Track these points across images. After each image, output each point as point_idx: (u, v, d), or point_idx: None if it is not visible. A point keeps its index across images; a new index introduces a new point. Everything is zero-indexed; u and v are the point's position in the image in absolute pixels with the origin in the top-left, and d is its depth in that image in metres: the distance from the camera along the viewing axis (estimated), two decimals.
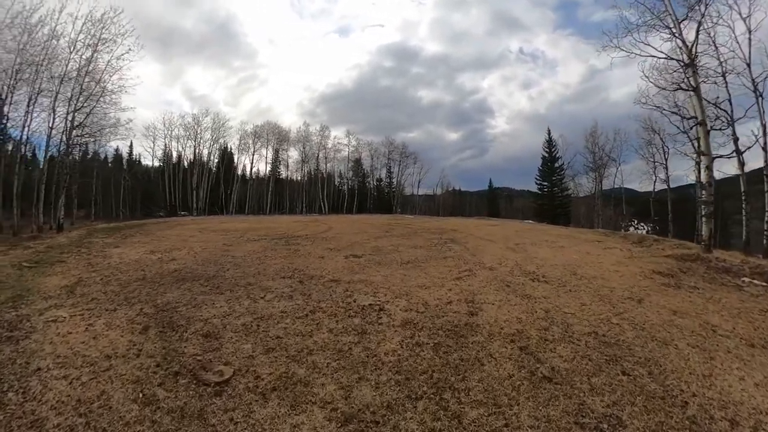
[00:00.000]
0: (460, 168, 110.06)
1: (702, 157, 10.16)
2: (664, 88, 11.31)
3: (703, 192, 10.00)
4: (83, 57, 16.12)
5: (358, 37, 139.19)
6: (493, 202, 61.25)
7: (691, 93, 9.89)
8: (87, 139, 19.39)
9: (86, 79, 16.14)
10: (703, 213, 10.00)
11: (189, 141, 43.75)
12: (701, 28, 10.09)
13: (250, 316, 4.49)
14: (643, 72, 10.91)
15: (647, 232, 32.17)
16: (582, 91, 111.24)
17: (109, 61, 16.53)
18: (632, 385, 3.17)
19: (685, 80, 9.97)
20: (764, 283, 7.50)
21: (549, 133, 41.94)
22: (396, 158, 52.34)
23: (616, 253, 9.79)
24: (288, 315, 4.52)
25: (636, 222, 37.90)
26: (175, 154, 44.69)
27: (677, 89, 10.49)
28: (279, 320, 4.35)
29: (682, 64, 10.08)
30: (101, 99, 16.68)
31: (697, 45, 10.06)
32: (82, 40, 16.07)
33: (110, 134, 19.14)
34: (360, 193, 52.17)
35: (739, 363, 3.70)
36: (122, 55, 16.74)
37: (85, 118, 16.66)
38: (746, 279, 7.81)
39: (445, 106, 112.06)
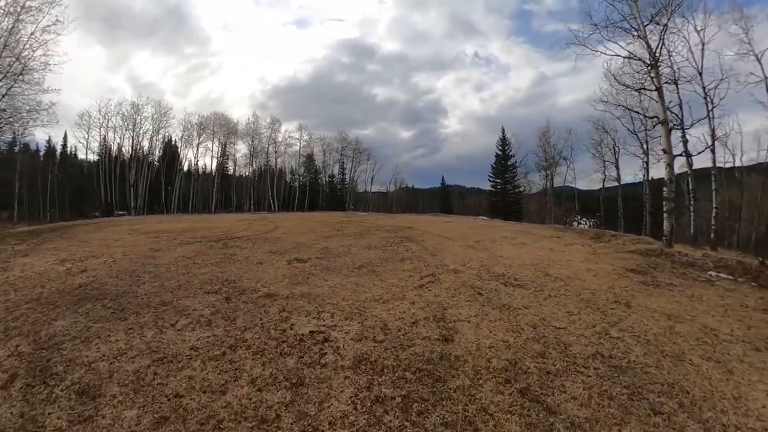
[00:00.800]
0: (413, 166, 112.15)
1: (664, 155, 10.04)
2: (629, 86, 11.25)
3: (665, 189, 9.86)
4: (1, 26, 13.20)
5: (316, 30, 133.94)
6: (445, 200, 61.76)
7: (655, 93, 9.75)
8: (2, 125, 16.05)
9: (4, 53, 13.19)
10: (665, 209, 9.85)
11: (127, 132, 39.12)
12: (665, 33, 10.02)
13: (149, 356, 3.21)
14: (608, 70, 10.84)
15: (590, 227, 33.80)
16: (531, 96, 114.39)
17: (32, 33, 13.70)
18: (671, 430, 2.35)
19: (649, 80, 9.85)
20: (730, 276, 7.37)
21: (503, 132, 42.27)
22: (349, 154, 50.92)
23: (580, 249, 9.33)
24: (199, 354, 3.23)
25: (579, 218, 39.74)
26: (114, 147, 39.76)
27: (641, 89, 10.40)
28: (186, 363, 3.07)
29: (647, 64, 9.93)
30: (21, 78, 13.76)
31: (660, 48, 9.99)
32: (3, 7, 13.14)
33: (29, 120, 15.94)
34: (312, 190, 50.08)
35: (757, 375, 3.28)
36: (48, 26, 13.98)
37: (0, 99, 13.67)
38: (713, 273, 7.65)
39: (399, 105, 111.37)
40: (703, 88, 13.86)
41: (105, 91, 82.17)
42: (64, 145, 41.08)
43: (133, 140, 39.28)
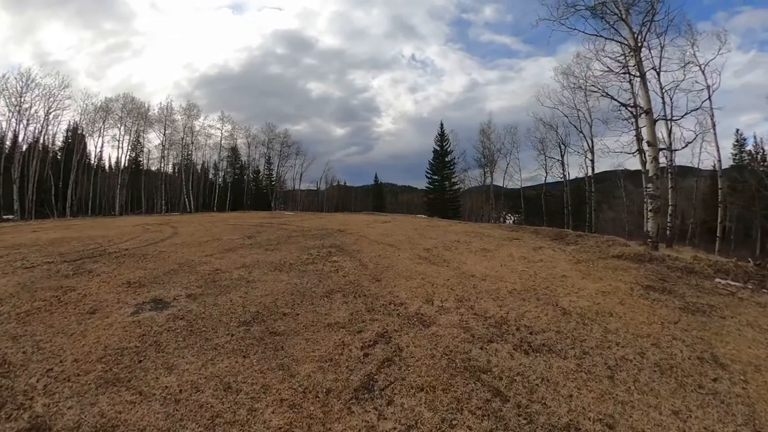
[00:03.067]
0: (345, 163, 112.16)
1: (648, 148, 8.62)
2: (612, 71, 9.81)
3: (649, 185, 8.40)
4: None
5: (252, 17, 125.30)
6: (378, 196, 59.90)
7: (638, 80, 8.30)
8: None
9: None
10: (649, 207, 8.38)
11: (12, 114, 29.99)
12: (647, 19, 8.65)
13: None
14: (596, 53, 9.37)
15: (513, 222, 34.03)
16: (463, 101, 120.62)
17: None
18: None
19: (634, 66, 8.46)
20: (737, 283, 6.05)
21: (441, 127, 39.88)
22: (276, 148, 46.25)
23: (557, 256, 7.43)
24: None
25: (505, 214, 40.03)
26: None
27: (625, 73, 8.99)
28: None
29: (629, 48, 8.41)
30: None
31: (644, 35, 8.58)
32: None
33: None
34: (236, 187, 44.62)
35: None
36: None
37: None
38: (720, 281, 6.34)
39: (334, 101, 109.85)
40: (662, 88, 13.32)
41: (6, 67, 66.15)
42: None
43: (16, 124, 30.64)
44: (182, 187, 38.24)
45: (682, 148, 13.75)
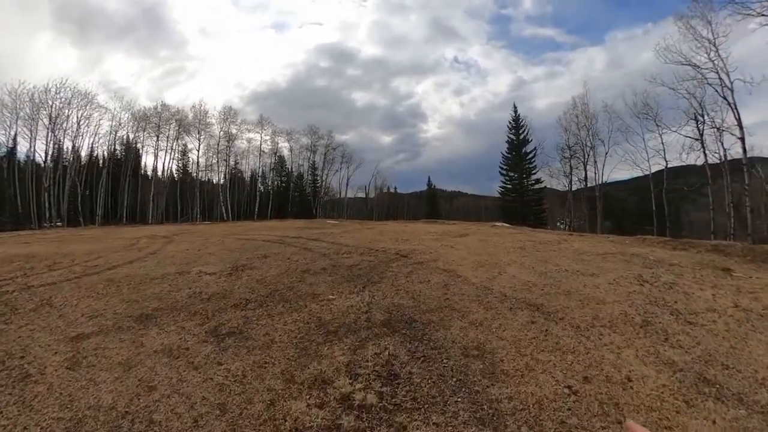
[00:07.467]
0: (394, 170, 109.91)
1: None
2: None
3: None
4: None
5: (294, 35, 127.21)
6: (432, 202, 54.55)
7: None
8: None
9: None
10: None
11: (43, 124, 29.51)
12: None
13: None
14: None
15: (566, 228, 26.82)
16: (510, 100, 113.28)
17: None
18: None
19: None
20: None
21: (515, 111, 31.84)
22: (321, 151, 42.93)
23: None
24: None
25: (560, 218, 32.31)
26: (28, 144, 29.90)
27: None
28: None
29: None
30: None
31: None
32: None
33: None
34: (281, 195, 41.85)
35: None
36: None
37: None
38: None
39: (379, 110, 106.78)
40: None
41: (77, 96, 74.78)
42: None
43: (48, 133, 29.99)
44: (219, 195, 35.93)
45: None
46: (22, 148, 30.06)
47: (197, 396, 2.11)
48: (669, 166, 22.49)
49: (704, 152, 19.75)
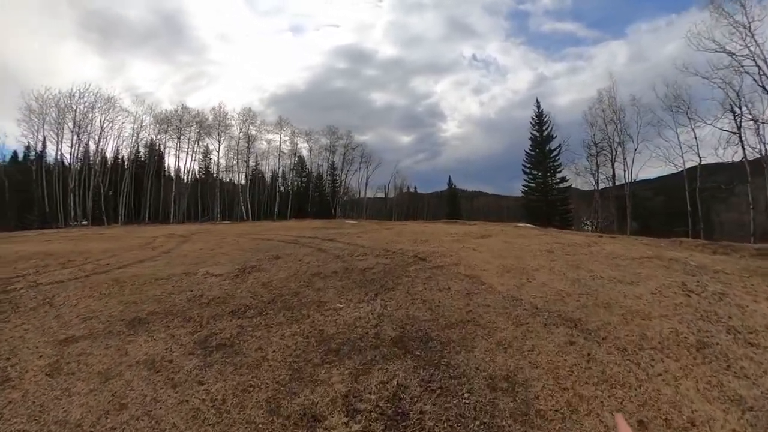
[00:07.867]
0: (414, 170, 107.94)
1: None
2: None
3: None
4: None
5: (311, 37, 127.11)
6: (453, 202, 53.67)
7: None
8: None
9: None
10: None
11: (68, 127, 30.70)
12: None
13: None
14: None
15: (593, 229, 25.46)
16: (530, 97, 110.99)
17: None
18: None
19: None
20: None
21: (538, 106, 30.60)
22: (340, 151, 42.89)
23: None
24: None
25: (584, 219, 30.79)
26: (55, 146, 31.27)
27: None
28: None
29: None
30: None
31: None
32: None
33: None
34: (301, 195, 42.07)
35: None
36: None
37: None
38: None
39: (398, 110, 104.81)
40: None
41: (101, 101, 78.62)
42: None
43: (73, 137, 31.16)
44: (239, 195, 36.34)
45: None
46: (50, 151, 31.35)
47: (168, 422, 1.80)
48: (703, 162, 21.12)
49: (742, 147, 18.38)
